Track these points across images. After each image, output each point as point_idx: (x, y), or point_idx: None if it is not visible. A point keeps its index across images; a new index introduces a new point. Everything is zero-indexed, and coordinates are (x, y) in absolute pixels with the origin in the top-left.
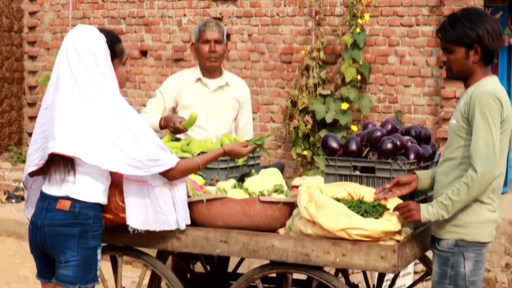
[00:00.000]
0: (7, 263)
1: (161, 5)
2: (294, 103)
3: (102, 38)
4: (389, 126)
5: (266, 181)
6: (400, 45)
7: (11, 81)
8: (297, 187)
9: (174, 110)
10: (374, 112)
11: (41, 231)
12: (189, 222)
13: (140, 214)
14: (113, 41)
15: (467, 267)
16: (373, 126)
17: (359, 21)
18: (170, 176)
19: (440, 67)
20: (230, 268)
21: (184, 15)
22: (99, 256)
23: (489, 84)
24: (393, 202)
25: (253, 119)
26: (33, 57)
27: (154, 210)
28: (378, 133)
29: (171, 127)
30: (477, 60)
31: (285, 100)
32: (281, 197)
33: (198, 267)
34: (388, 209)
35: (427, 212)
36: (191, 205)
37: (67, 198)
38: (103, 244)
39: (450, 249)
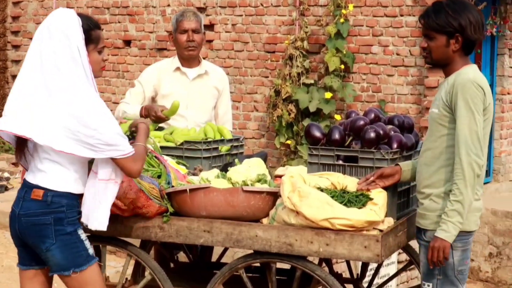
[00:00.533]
0: None
1: None
2: (277, 92)
3: (78, 22)
4: (372, 115)
5: (249, 170)
6: (384, 35)
7: None
8: (280, 176)
9: (153, 99)
10: (357, 101)
11: (18, 221)
12: (102, 228)
13: (84, 207)
14: (90, 26)
15: (455, 256)
16: (356, 115)
17: (343, 11)
18: (123, 163)
19: (424, 56)
20: (214, 258)
21: (168, 5)
22: (82, 236)
23: (470, 72)
24: (376, 192)
25: (237, 108)
26: (16, 47)
27: (94, 206)
28: (361, 122)
29: (153, 116)
30: (457, 49)
31: (269, 89)
32: (265, 187)
33: (182, 257)
34: (371, 199)
35: (445, 233)
36: (174, 194)
37: (40, 186)
38: (86, 234)
39: None
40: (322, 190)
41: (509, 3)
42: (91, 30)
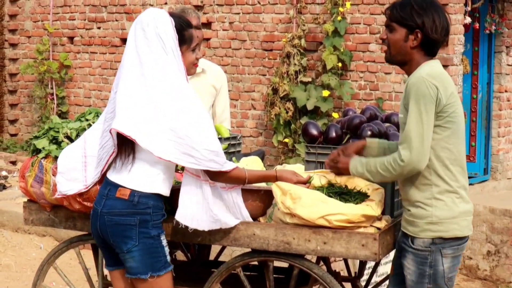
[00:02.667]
0: None
1: None
2: (275, 90)
3: (171, 22)
4: (370, 113)
5: (247, 168)
6: (381, 33)
7: None
8: None
9: None
10: (355, 99)
11: (101, 219)
12: (246, 219)
13: (188, 209)
14: (182, 26)
15: (445, 264)
16: (354, 113)
17: (341, 9)
18: (215, 178)
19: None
20: (212, 256)
21: (165, 3)
22: (164, 242)
23: (426, 69)
24: (373, 190)
25: (234, 106)
26: (14, 45)
27: (204, 208)
28: (358, 120)
29: None
30: (414, 46)
31: (266, 87)
32: (262, 185)
33: (179, 255)
34: (368, 196)
35: (356, 169)
36: (173, 193)
37: (126, 186)
38: (84, 233)
39: (427, 248)
40: (321, 187)
41: (507, 0)
42: (184, 30)
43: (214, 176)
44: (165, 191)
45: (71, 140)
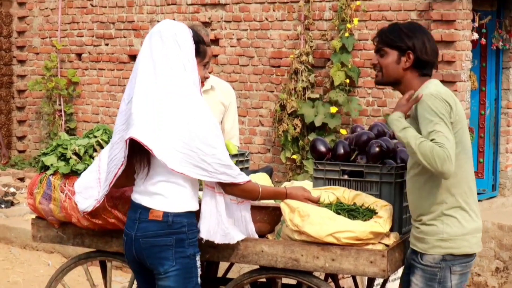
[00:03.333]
0: None
1: (150, 10)
2: (283, 107)
3: (189, 32)
4: (377, 130)
5: None
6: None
7: (0, 85)
8: None
9: None
10: (363, 115)
11: (136, 243)
12: (251, 235)
13: (206, 221)
14: (199, 39)
15: (453, 281)
16: (362, 130)
17: (348, 25)
18: (228, 190)
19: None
20: (220, 273)
21: (173, 19)
22: (198, 262)
23: (431, 87)
24: (381, 206)
25: (242, 122)
26: (22, 61)
27: (217, 220)
28: (366, 137)
29: None
30: (407, 67)
31: (274, 103)
32: (270, 202)
33: None
34: (376, 213)
35: (397, 120)
36: None
37: (157, 209)
38: (92, 249)
39: (437, 264)
40: (330, 204)
41: None
42: (200, 44)
43: (228, 188)
44: (196, 206)
45: (79, 157)
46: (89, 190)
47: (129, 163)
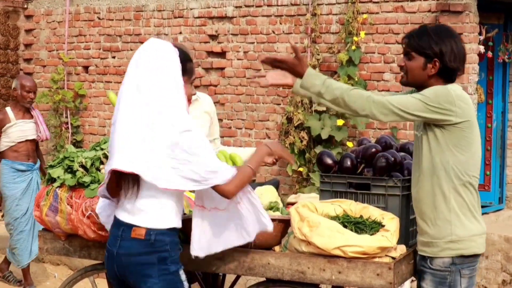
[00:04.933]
0: None
1: (157, 22)
2: (289, 120)
3: (175, 52)
4: (384, 142)
5: (261, 198)
6: (396, 62)
7: (6, 98)
8: (292, 204)
9: None
10: (369, 128)
11: (117, 260)
12: (268, 228)
13: (203, 240)
14: (186, 58)
15: (463, 284)
16: (368, 143)
17: (355, 38)
18: (227, 191)
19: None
20: (226, 286)
21: (180, 32)
22: (183, 276)
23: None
24: (388, 219)
25: (249, 135)
26: (29, 74)
27: (217, 234)
28: (373, 150)
29: None
30: (432, 74)
31: (281, 116)
32: (277, 215)
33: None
34: (383, 226)
35: (311, 79)
36: (187, 222)
37: (140, 225)
38: (98, 261)
39: (447, 268)
40: (336, 216)
41: None
42: (187, 62)
43: (225, 190)
44: (179, 223)
45: (86, 169)
46: (106, 209)
47: (118, 183)
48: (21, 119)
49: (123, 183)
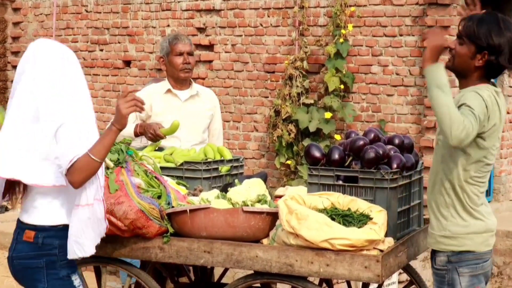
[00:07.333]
0: None
1: (145, 15)
2: (277, 112)
3: (60, 50)
4: (372, 135)
5: (249, 191)
6: (383, 55)
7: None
8: (280, 196)
9: (144, 122)
10: (357, 121)
11: (12, 264)
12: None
13: (88, 238)
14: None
15: (463, 283)
16: (356, 135)
17: (343, 31)
18: (73, 181)
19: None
20: (215, 278)
21: (168, 25)
22: (76, 282)
23: (484, 93)
24: (376, 212)
25: (237, 128)
26: (16, 67)
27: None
28: (361, 142)
29: (151, 133)
30: (479, 66)
31: (269, 109)
32: (265, 207)
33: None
34: (371, 219)
35: (437, 71)
36: (174, 215)
37: (31, 226)
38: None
39: (444, 266)
40: (322, 210)
41: None
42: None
43: (70, 178)
44: (68, 221)
45: None
46: None
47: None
48: None
49: (16, 186)
